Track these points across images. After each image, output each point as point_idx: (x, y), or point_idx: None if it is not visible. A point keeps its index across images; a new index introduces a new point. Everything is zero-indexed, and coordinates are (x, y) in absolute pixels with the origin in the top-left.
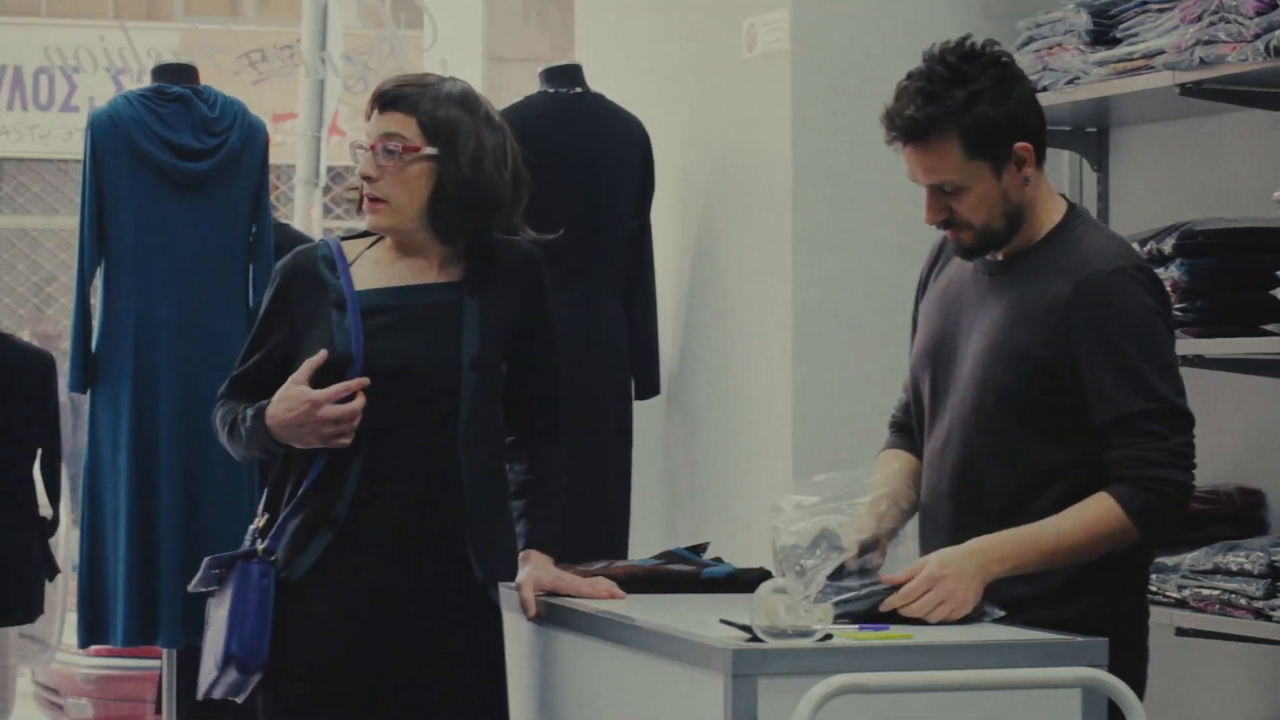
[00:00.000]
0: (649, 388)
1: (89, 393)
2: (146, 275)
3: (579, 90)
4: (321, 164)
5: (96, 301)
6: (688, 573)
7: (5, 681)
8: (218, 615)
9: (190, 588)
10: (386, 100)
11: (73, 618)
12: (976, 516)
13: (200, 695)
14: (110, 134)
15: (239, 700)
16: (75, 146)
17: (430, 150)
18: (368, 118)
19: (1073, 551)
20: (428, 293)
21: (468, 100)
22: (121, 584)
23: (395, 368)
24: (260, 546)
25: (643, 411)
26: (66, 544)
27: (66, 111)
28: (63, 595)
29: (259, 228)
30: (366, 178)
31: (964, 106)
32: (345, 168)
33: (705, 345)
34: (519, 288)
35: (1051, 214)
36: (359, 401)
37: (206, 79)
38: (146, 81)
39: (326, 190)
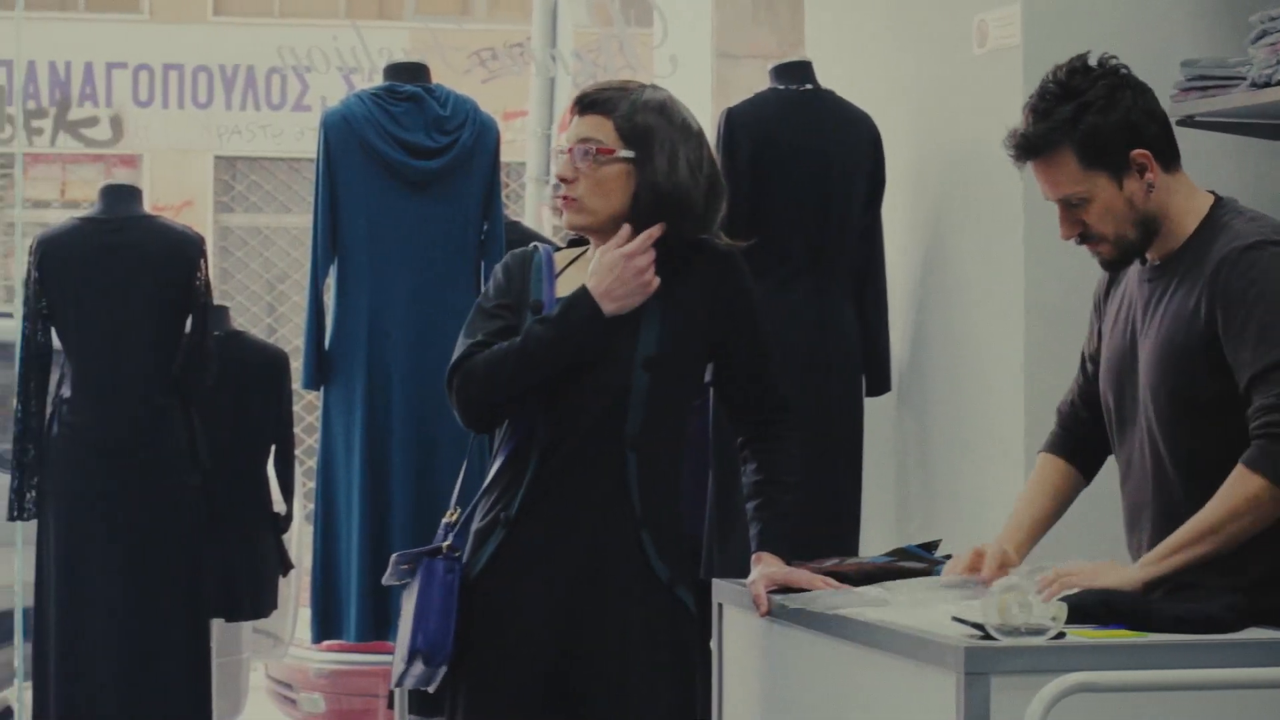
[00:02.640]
0: (880, 385)
1: (322, 390)
2: (379, 273)
3: (809, 87)
4: (552, 161)
5: (329, 299)
6: (919, 570)
7: (238, 676)
8: (406, 609)
9: (383, 582)
10: (585, 104)
11: (305, 613)
12: (1177, 523)
13: (392, 685)
14: (343, 133)
15: (430, 690)
16: (307, 146)
17: (626, 153)
18: (566, 124)
19: (1218, 526)
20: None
21: (666, 108)
22: (354, 580)
23: (570, 368)
24: (445, 544)
25: (873, 408)
26: (299, 540)
27: (299, 111)
28: (295, 591)
29: (490, 225)
30: (563, 179)
31: (1072, 119)
32: None
33: (936, 342)
34: (713, 289)
35: (1195, 212)
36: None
37: (437, 77)
38: (378, 81)
39: (558, 188)
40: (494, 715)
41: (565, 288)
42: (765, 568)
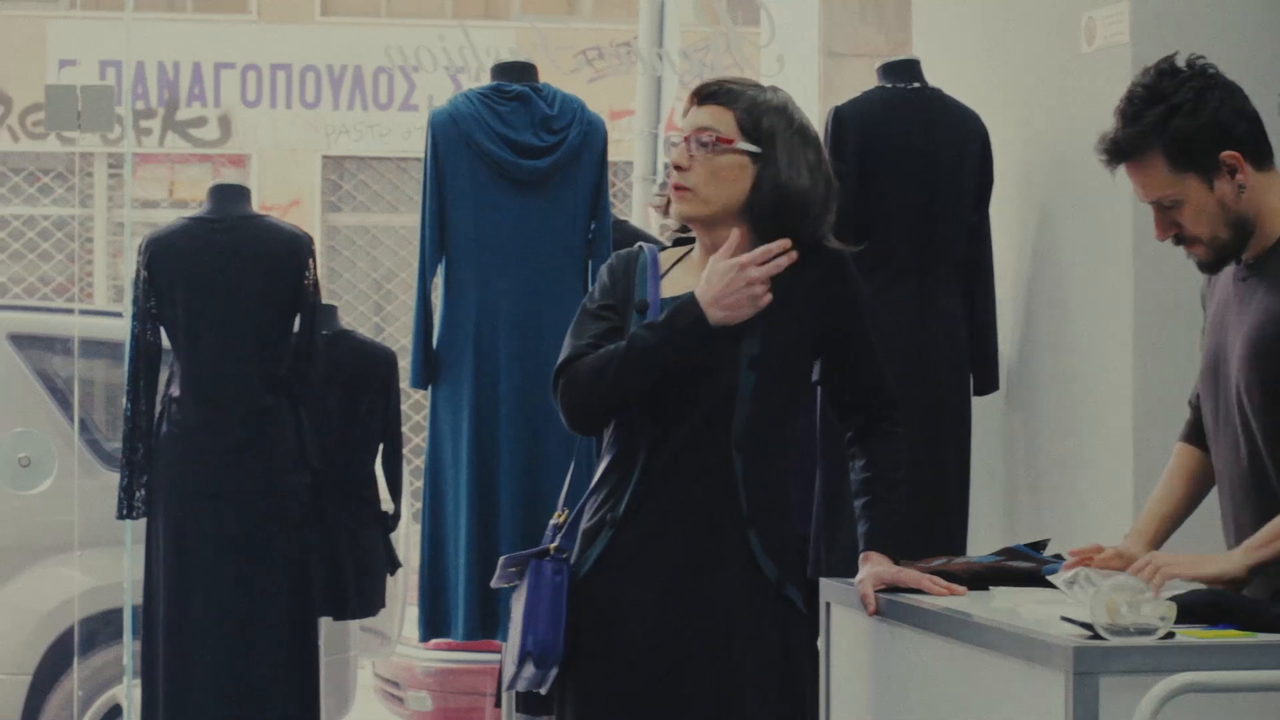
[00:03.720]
0: (988, 383)
1: (430, 389)
2: (487, 272)
3: (917, 85)
4: (659, 160)
5: (437, 298)
6: (1028, 569)
7: (346, 674)
8: (516, 612)
9: (492, 584)
10: (705, 94)
11: (413, 612)
12: (1275, 513)
13: (505, 688)
14: (450, 132)
15: (542, 692)
16: (414, 145)
17: (746, 146)
18: (672, 124)
19: None
20: None
21: (787, 110)
22: (462, 579)
23: (676, 370)
24: (552, 545)
25: (981, 407)
26: (407, 538)
27: (405, 110)
28: (403, 589)
29: (598, 224)
30: (677, 166)
31: (1161, 122)
32: None
33: (1045, 341)
34: (823, 289)
35: None
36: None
37: (544, 77)
38: (485, 80)
39: (663, 187)
40: (603, 715)
41: (670, 288)
42: (873, 567)
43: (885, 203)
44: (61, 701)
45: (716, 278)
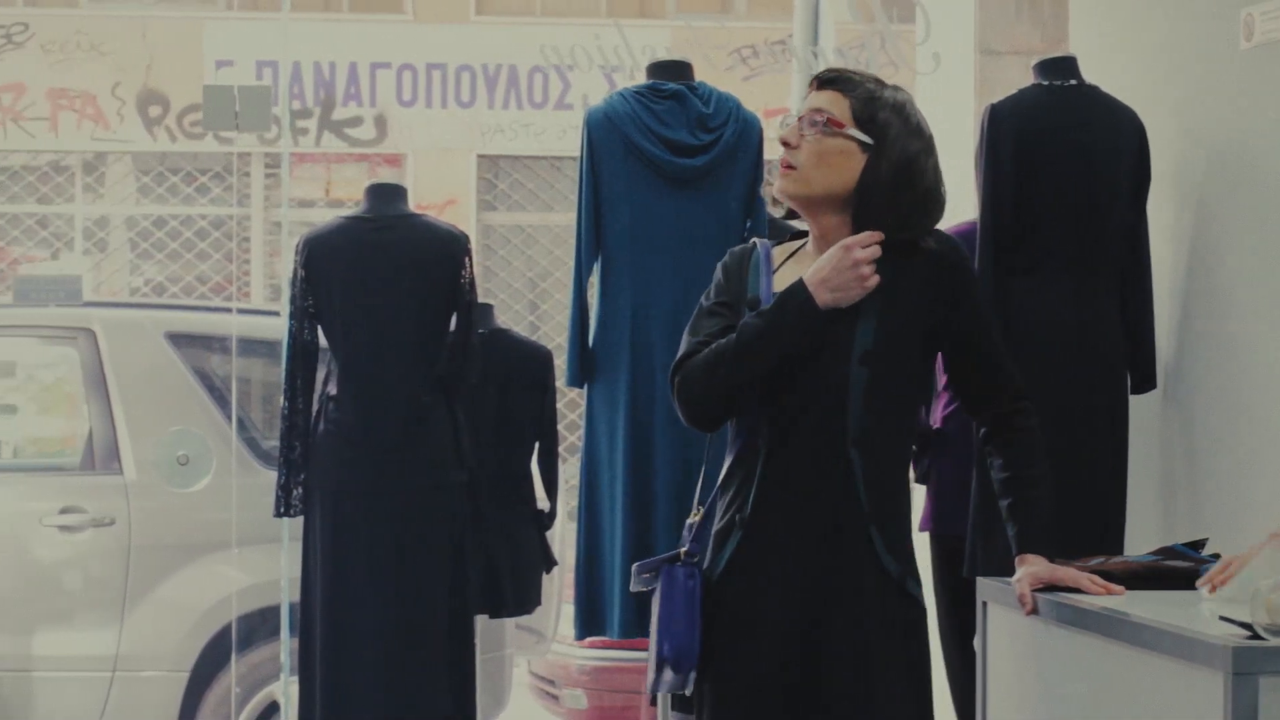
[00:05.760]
0: (1145, 382)
1: (586, 387)
2: (642, 270)
3: (1073, 82)
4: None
5: (593, 297)
6: (1186, 569)
7: (502, 672)
8: (653, 618)
9: (630, 589)
10: (825, 80)
11: (569, 609)
12: None
13: (649, 694)
14: (606, 131)
15: (686, 693)
16: (569, 144)
17: (857, 134)
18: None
19: None
20: None
21: (905, 109)
22: (618, 576)
23: (790, 364)
24: (683, 550)
25: (1138, 406)
26: (562, 536)
27: (560, 109)
28: (559, 587)
29: (753, 222)
30: (785, 143)
31: None
32: None
33: (1203, 339)
34: (934, 280)
35: None
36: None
37: (699, 75)
38: (640, 79)
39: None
40: (739, 716)
41: (782, 283)
42: (1029, 567)
43: (1041, 200)
44: (219, 698)
45: (825, 260)
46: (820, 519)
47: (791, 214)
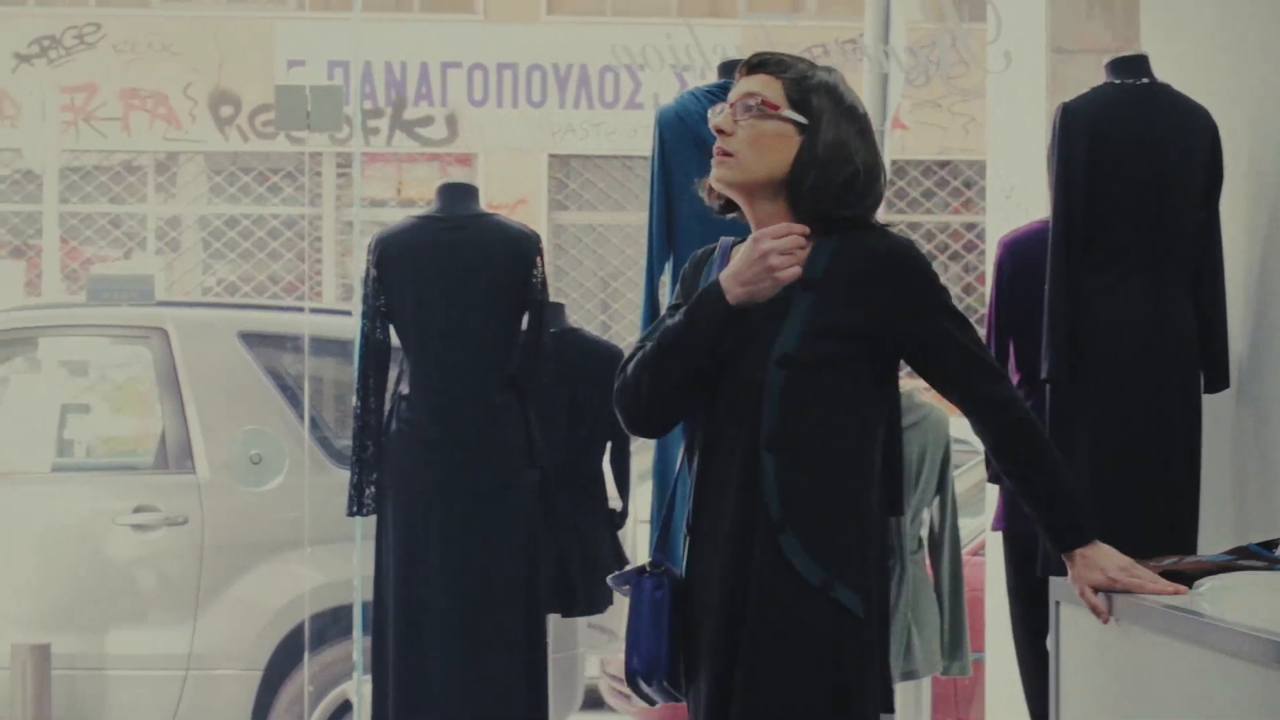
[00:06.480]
0: (1218, 381)
1: None
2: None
3: (1145, 81)
4: (885, 158)
5: (665, 295)
6: (1259, 569)
7: (574, 671)
8: (625, 630)
9: (619, 594)
10: (754, 64)
11: None
12: None
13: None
14: (678, 130)
15: (655, 703)
16: (640, 143)
17: (789, 114)
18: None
19: None
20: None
21: (836, 89)
22: None
23: (720, 365)
24: (647, 562)
25: (1211, 404)
26: (634, 536)
27: (631, 109)
28: None
29: None
30: (720, 131)
31: None
32: (907, 161)
33: (1276, 337)
34: (884, 289)
35: None
36: (799, 234)
37: None
38: (710, 78)
39: (890, 184)
40: (691, 714)
41: None
42: (1080, 570)
43: (1114, 199)
44: (292, 697)
45: (737, 259)
46: (735, 523)
47: (726, 208)
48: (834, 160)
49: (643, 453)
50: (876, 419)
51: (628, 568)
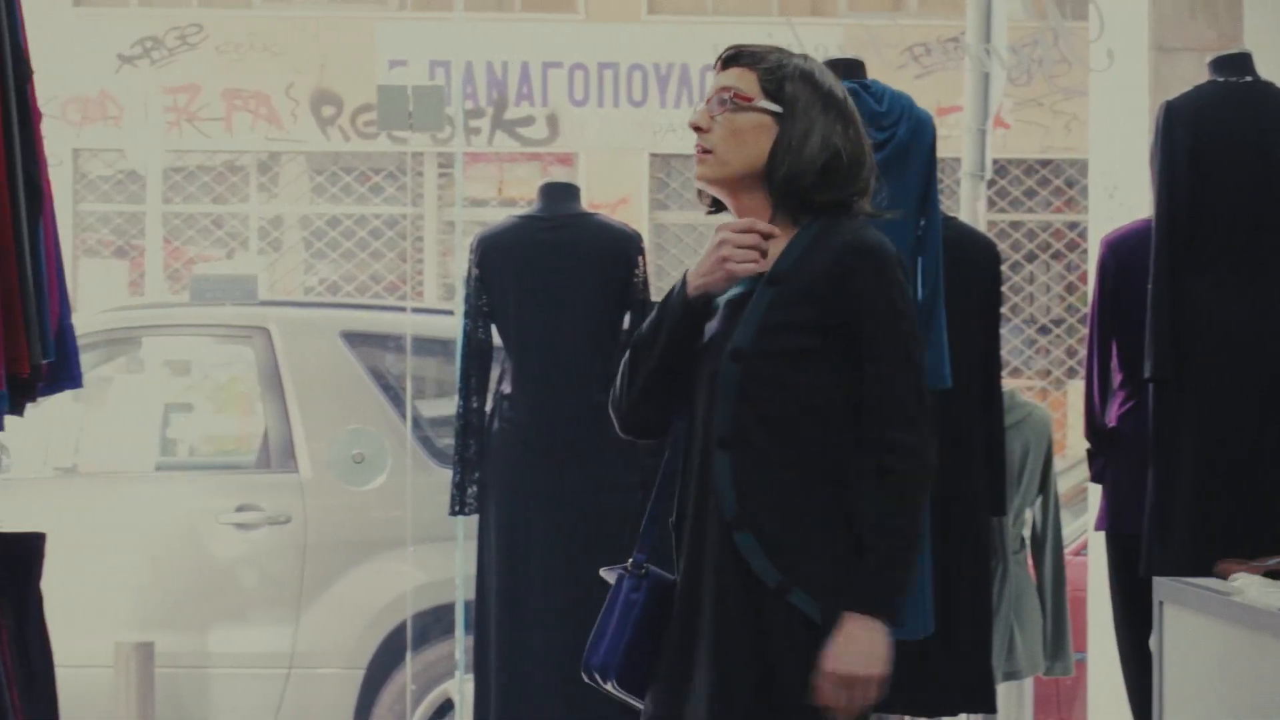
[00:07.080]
0: None
1: None
2: None
3: (1249, 79)
4: (987, 157)
5: None
6: None
7: None
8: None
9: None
10: (728, 58)
11: None
12: None
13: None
14: None
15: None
16: None
17: (765, 104)
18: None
19: None
20: (743, 282)
21: (812, 76)
22: None
23: (694, 362)
24: (630, 562)
25: None
26: None
27: None
28: None
29: (927, 221)
30: (697, 128)
31: None
32: (1009, 160)
33: None
34: (837, 280)
35: None
36: (761, 232)
37: (871, 73)
38: None
39: (991, 184)
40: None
41: None
42: (837, 649)
43: (1217, 198)
44: (394, 696)
45: (702, 257)
46: (693, 520)
47: (715, 208)
48: (810, 146)
49: None
50: (842, 416)
51: (618, 565)
